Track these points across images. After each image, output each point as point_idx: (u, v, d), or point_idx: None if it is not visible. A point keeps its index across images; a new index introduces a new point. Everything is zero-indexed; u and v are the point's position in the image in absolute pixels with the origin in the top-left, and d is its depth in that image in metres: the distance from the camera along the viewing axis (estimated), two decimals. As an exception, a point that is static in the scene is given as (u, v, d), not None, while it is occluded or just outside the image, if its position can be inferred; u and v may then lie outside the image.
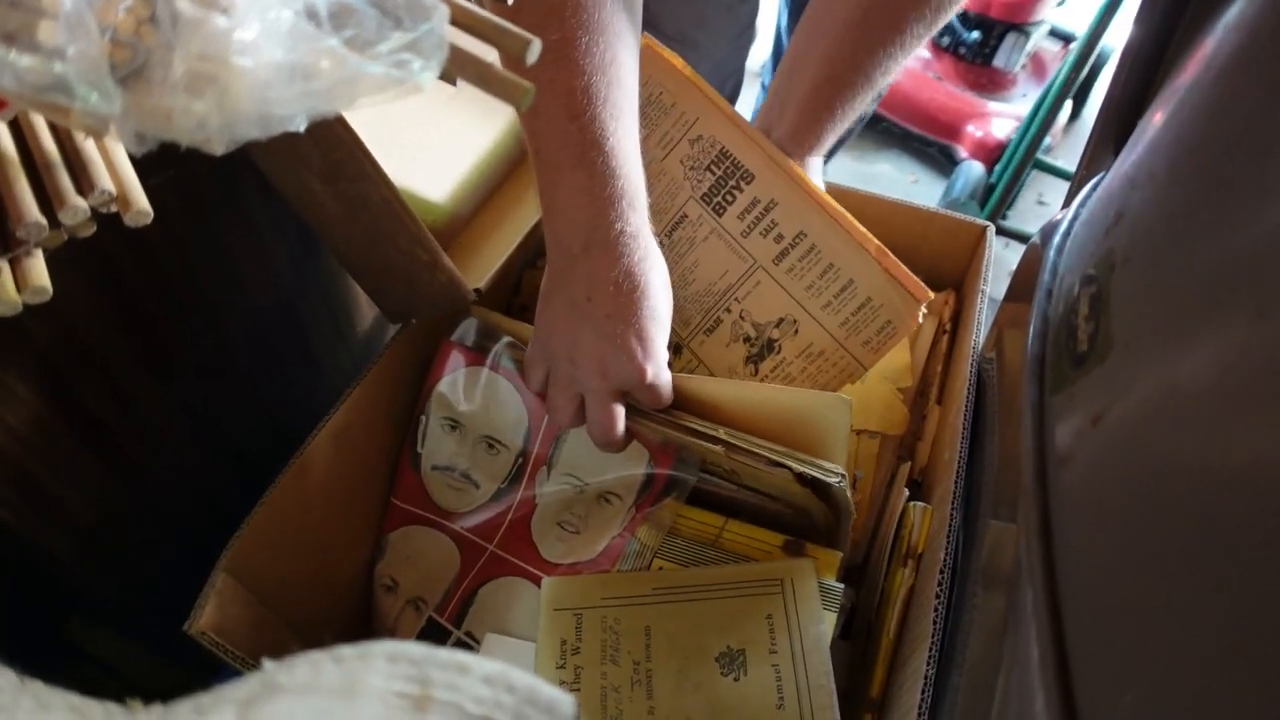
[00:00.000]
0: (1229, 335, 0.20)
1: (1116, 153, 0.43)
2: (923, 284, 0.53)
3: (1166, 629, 0.20)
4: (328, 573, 0.56)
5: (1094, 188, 0.39)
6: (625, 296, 0.47)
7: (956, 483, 0.48)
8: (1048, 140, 1.50)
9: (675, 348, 0.59)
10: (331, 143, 0.46)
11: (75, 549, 0.57)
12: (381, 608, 0.59)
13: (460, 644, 0.55)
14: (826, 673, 0.46)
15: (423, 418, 0.60)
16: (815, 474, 0.48)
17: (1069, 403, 0.26)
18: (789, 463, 0.48)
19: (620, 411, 0.50)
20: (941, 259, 0.69)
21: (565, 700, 0.18)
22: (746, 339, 0.58)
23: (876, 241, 0.54)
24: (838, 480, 0.47)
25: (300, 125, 0.24)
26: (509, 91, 0.25)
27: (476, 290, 0.52)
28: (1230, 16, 0.31)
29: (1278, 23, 0.26)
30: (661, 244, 0.53)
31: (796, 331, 0.57)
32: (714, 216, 0.58)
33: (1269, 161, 0.22)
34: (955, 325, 0.65)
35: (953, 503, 0.47)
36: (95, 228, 0.27)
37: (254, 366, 0.69)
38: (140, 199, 0.26)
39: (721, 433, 0.50)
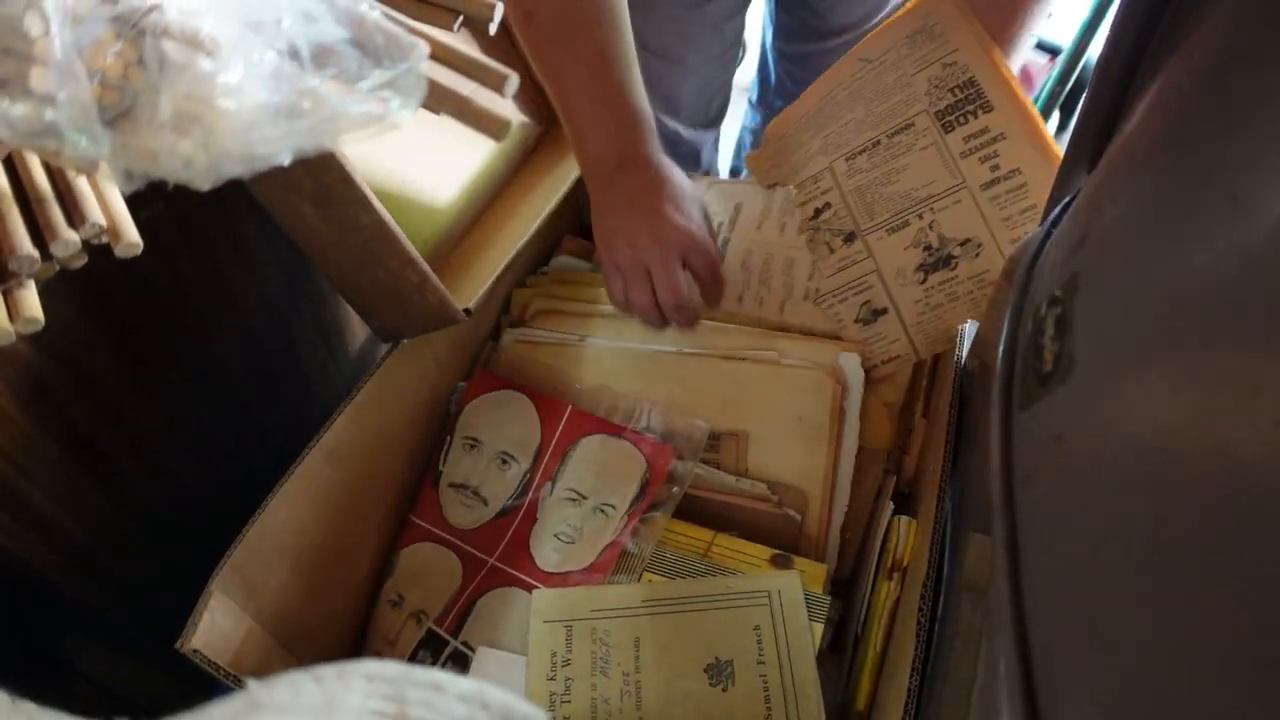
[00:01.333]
0: (1180, 361, 0.20)
1: (1090, 171, 0.44)
2: None
3: (1120, 645, 0.21)
4: (322, 589, 0.56)
5: (1064, 207, 0.40)
6: (657, 189, 0.58)
7: (940, 496, 0.49)
8: (1035, 152, 1.51)
9: (849, 236, 0.63)
10: (322, 168, 0.47)
11: (67, 567, 0.57)
12: (383, 623, 0.60)
13: (457, 653, 0.55)
14: (813, 683, 0.47)
15: (448, 437, 0.64)
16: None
17: (1033, 421, 0.27)
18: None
19: (682, 275, 0.57)
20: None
21: (539, 716, 0.18)
22: (927, 248, 0.61)
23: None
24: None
25: (285, 160, 0.25)
26: (488, 125, 0.26)
27: (466, 310, 0.53)
28: (1192, 39, 0.32)
29: (1232, 47, 0.27)
30: (878, 142, 0.62)
31: (978, 255, 0.60)
32: (940, 131, 0.61)
33: (1219, 189, 0.23)
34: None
35: (936, 516, 0.48)
36: (86, 259, 0.28)
37: (246, 385, 0.69)
38: (130, 231, 0.27)
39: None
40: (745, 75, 1.20)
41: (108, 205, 0.27)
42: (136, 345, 0.56)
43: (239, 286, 0.65)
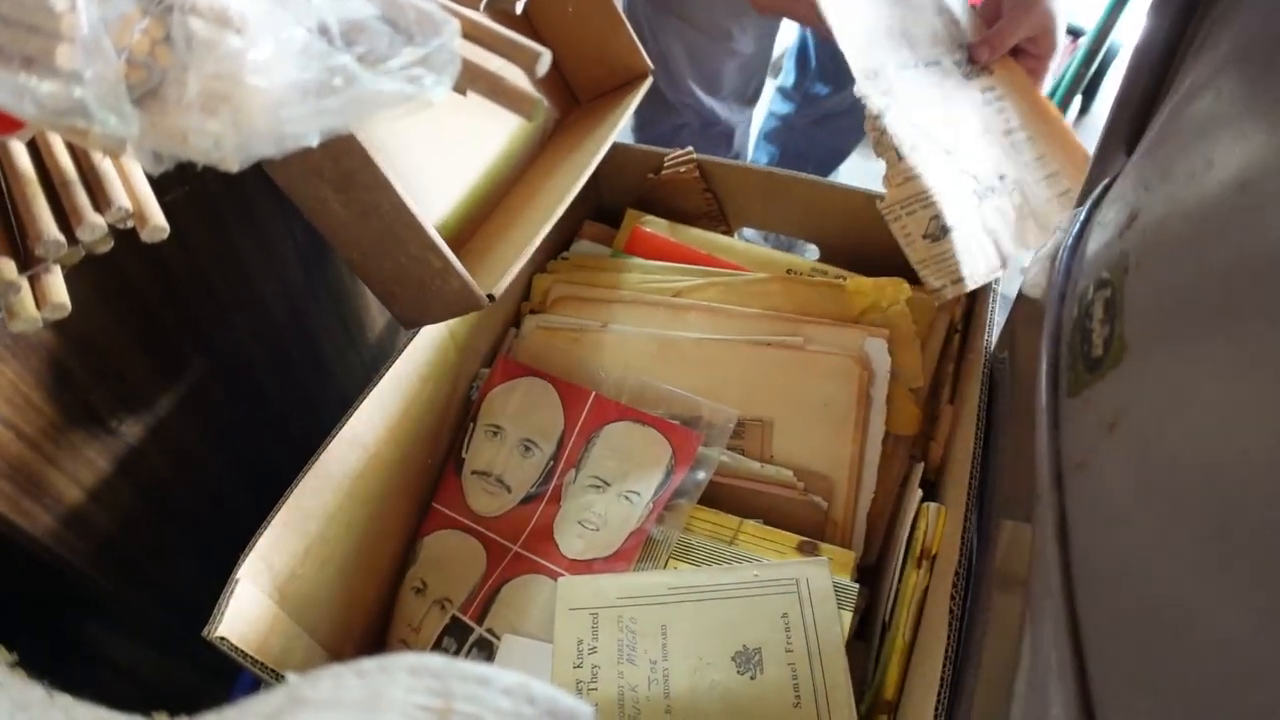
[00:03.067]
0: (1243, 340, 0.20)
1: (1129, 152, 0.42)
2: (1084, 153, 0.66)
3: (1183, 635, 0.20)
4: (346, 576, 0.56)
5: (1105, 188, 0.39)
6: None
7: (971, 483, 0.48)
8: (1058, 134, 1.49)
9: (913, 146, 0.61)
10: (343, 152, 0.46)
11: (92, 555, 0.57)
12: (407, 610, 0.60)
13: (481, 640, 0.55)
14: (843, 670, 0.46)
15: (470, 425, 0.63)
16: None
17: (1084, 407, 0.26)
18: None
19: None
20: (952, 257, 0.69)
21: (585, 710, 0.18)
22: (975, 176, 0.63)
23: (1085, 150, 0.64)
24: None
25: (313, 141, 0.24)
26: (520, 103, 0.25)
27: (490, 295, 0.52)
28: (1246, 12, 0.30)
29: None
30: (917, 65, 0.64)
31: (1013, 191, 0.63)
32: (963, 78, 0.66)
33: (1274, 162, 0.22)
34: (967, 324, 0.65)
35: (967, 503, 0.47)
36: (112, 244, 0.28)
37: (266, 373, 0.69)
38: (157, 215, 0.26)
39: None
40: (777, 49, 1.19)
41: (133, 189, 0.27)
42: (158, 334, 0.56)
43: (258, 275, 0.65)
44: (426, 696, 0.16)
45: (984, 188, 0.62)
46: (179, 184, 0.52)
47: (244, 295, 0.64)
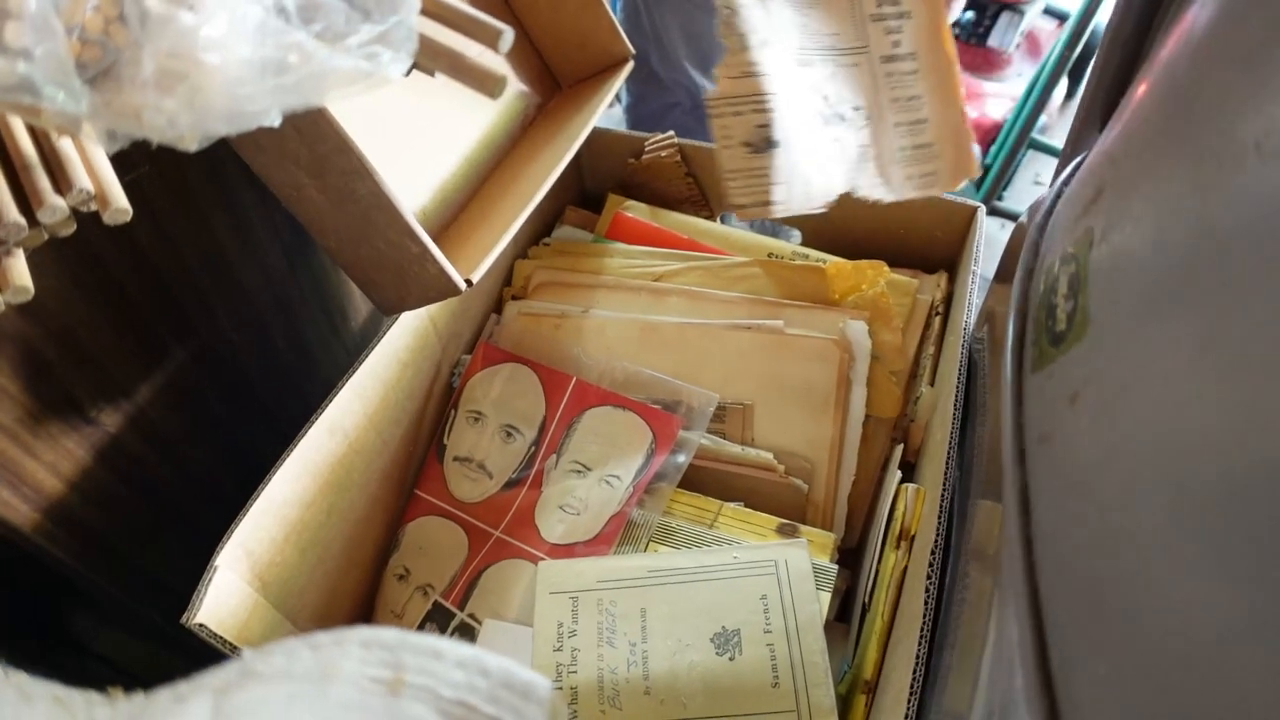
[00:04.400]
0: (1203, 314, 0.20)
1: (1102, 130, 0.43)
2: (976, 162, 0.58)
3: (1140, 603, 0.20)
4: (327, 564, 0.56)
5: (1077, 166, 0.39)
6: None
7: (948, 464, 0.48)
8: (1043, 119, 1.50)
9: (763, 41, 0.53)
10: (317, 137, 0.46)
11: (71, 543, 0.57)
12: (390, 596, 0.60)
13: (463, 626, 0.55)
14: (821, 651, 0.47)
15: (452, 411, 0.63)
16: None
17: (1047, 381, 0.26)
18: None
19: None
20: (934, 241, 0.69)
21: (541, 682, 0.18)
22: (825, 98, 0.56)
23: (965, 109, 0.58)
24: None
25: (275, 120, 0.24)
26: (483, 81, 0.25)
27: (468, 281, 0.52)
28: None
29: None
30: None
31: (863, 126, 0.56)
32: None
33: (1244, 136, 0.22)
34: (947, 307, 0.65)
35: (944, 484, 0.47)
36: (75, 226, 0.27)
37: (249, 361, 0.69)
38: (119, 197, 0.26)
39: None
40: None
41: (95, 171, 0.27)
42: (137, 322, 0.56)
43: (239, 264, 0.65)
44: (378, 668, 0.16)
45: (832, 113, 0.56)
46: (143, 161, 0.52)
47: (225, 284, 0.64)
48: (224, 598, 0.47)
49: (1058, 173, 0.48)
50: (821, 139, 0.54)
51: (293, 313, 0.73)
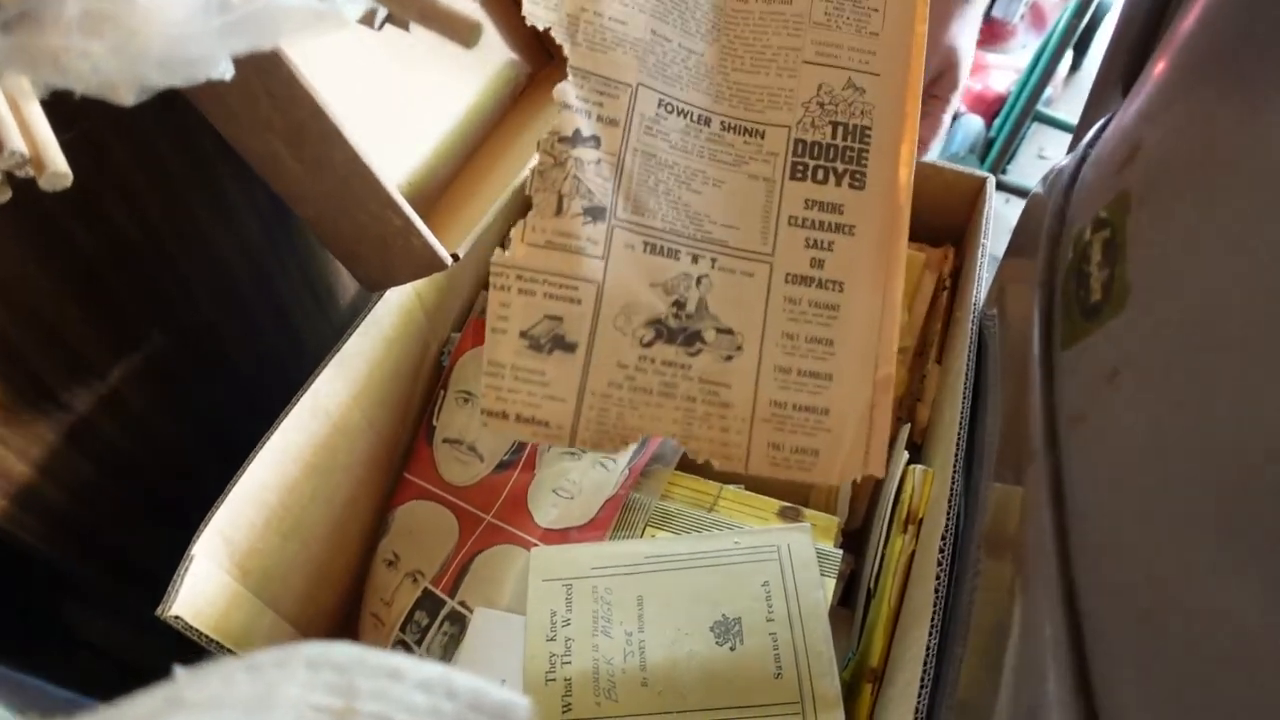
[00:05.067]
0: (1271, 273, 0.17)
1: (1125, 93, 0.40)
2: (881, 462, 0.41)
3: (1186, 607, 0.18)
4: (312, 550, 0.54)
5: (1102, 128, 0.36)
6: None
7: (958, 445, 0.46)
8: (1048, 92, 1.47)
9: (596, 211, 0.42)
10: (292, 102, 0.43)
11: (51, 534, 0.55)
12: (379, 582, 0.58)
13: (454, 614, 0.53)
14: (825, 639, 0.45)
15: (441, 392, 0.60)
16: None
17: (1081, 357, 0.24)
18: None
19: None
20: (940, 213, 0.66)
21: (519, 704, 0.16)
22: (677, 304, 0.41)
23: (890, 369, 0.41)
24: None
25: (225, 70, 0.22)
26: (456, 28, 0.22)
27: (454, 255, 0.49)
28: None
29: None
30: (709, 120, 0.43)
31: (730, 358, 0.41)
32: (785, 169, 0.43)
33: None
34: (955, 281, 0.62)
35: (955, 465, 0.45)
36: (10, 193, 0.25)
37: (230, 342, 0.67)
38: (56, 160, 0.23)
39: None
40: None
41: (31, 133, 0.24)
42: (109, 301, 0.53)
43: (217, 239, 0.62)
44: (326, 694, 0.14)
45: (679, 326, 0.42)
46: (124, 140, 0.49)
47: (203, 260, 0.61)
48: (201, 587, 0.45)
49: (1077, 138, 0.46)
50: (649, 356, 0.41)
51: (276, 290, 0.71)
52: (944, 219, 0.67)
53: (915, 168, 0.52)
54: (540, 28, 0.43)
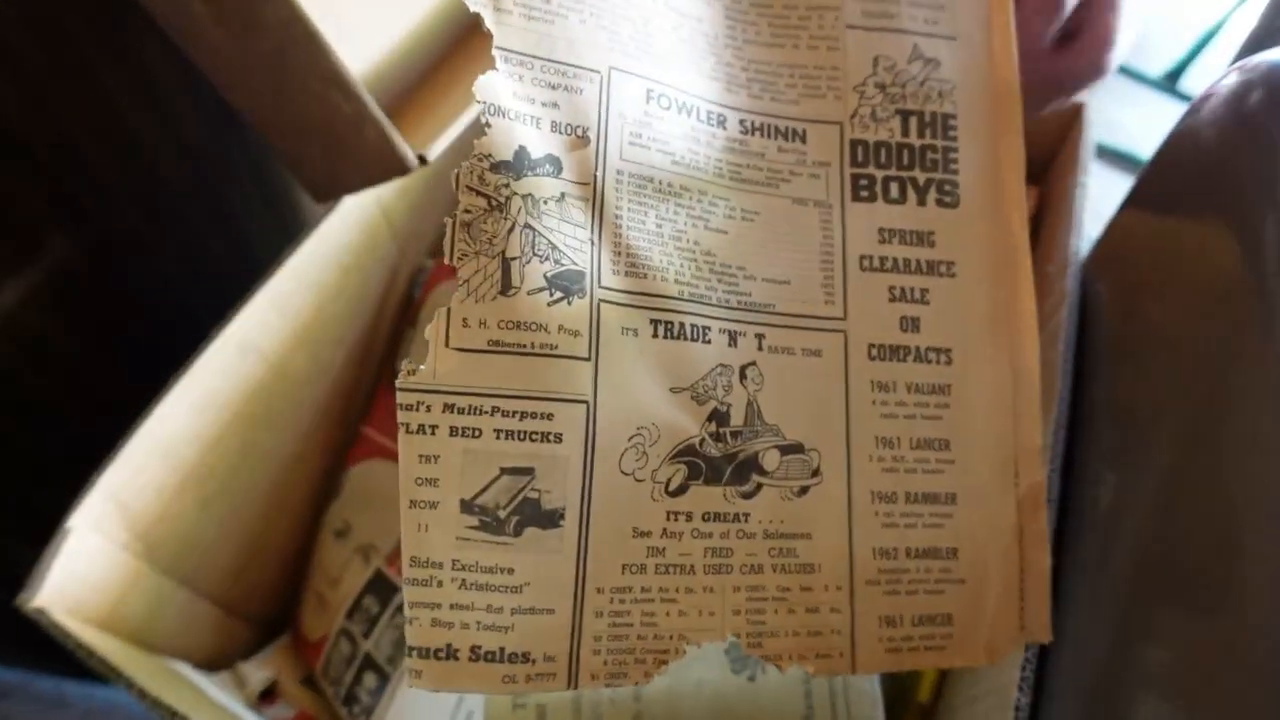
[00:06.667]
0: None
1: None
2: (1046, 621, 0.29)
3: None
4: (241, 517, 0.45)
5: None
6: None
7: (1056, 425, 0.35)
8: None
9: (570, 285, 0.26)
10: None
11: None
12: (326, 556, 0.49)
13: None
14: (871, 677, 0.35)
15: (410, 329, 0.51)
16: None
17: None
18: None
19: None
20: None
21: None
22: (717, 418, 0.27)
23: (1038, 477, 0.30)
24: None
25: None
26: None
27: (421, 157, 0.39)
28: None
29: None
30: (724, 120, 0.30)
31: (808, 485, 0.28)
32: (845, 192, 0.30)
33: None
34: (1038, 229, 0.52)
35: (1051, 450, 0.34)
36: None
37: (163, 259, 0.56)
38: None
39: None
40: None
41: None
42: (5, 206, 0.43)
43: (146, 138, 0.51)
44: None
45: (724, 456, 0.27)
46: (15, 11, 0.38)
47: (125, 160, 0.50)
48: (83, 570, 0.35)
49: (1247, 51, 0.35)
50: (679, 515, 0.27)
51: (224, 202, 0.60)
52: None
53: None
54: None
